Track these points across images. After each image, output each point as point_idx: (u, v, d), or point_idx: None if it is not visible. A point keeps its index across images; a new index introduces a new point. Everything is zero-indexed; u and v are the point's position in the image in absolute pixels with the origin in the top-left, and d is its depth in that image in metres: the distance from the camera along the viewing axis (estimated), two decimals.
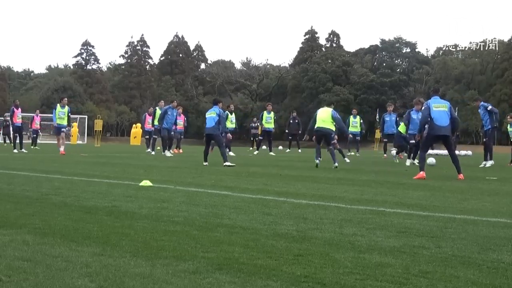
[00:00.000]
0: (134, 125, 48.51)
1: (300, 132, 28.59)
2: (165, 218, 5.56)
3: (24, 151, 22.58)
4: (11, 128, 25.04)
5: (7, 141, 26.52)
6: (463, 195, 8.20)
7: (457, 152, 27.48)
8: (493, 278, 3.46)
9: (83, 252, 3.94)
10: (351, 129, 25.72)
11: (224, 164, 14.54)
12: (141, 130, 47.74)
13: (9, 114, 25.51)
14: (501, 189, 9.48)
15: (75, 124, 54.51)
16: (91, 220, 5.33)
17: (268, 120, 24.48)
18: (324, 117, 14.73)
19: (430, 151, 30.03)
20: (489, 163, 16.75)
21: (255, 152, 24.43)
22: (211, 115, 15.42)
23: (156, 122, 23.95)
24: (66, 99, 21.86)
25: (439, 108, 11.86)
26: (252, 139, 38.68)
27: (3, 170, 11.74)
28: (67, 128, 21.97)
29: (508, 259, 3.96)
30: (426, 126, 12.14)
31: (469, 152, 29.66)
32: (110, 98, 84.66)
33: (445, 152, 16.94)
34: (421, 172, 11.52)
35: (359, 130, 26.30)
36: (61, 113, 21.00)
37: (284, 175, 11.95)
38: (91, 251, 3.97)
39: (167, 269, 3.50)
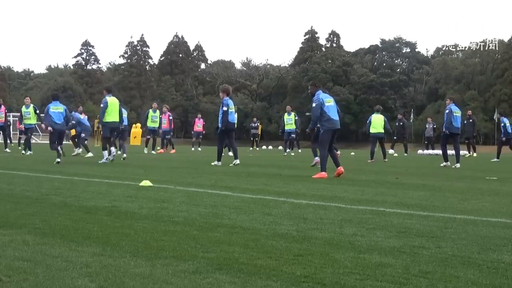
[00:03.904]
0: (134, 125, 48.47)
1: (299, 131, 28.59)
2: (165, 218, 5.56)
3: (8, 150, 21.71)
4: None
5: (8, 141, 26.23)
6: (463, 195, 8.20)
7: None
8: (493, 278, 3.46)
9: (83, 252, 3.93)
10: (286, 127, 25.74)
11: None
12: (141, 130, 47.79)
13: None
14: (501, 189, 9.48)
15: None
16: (91, 220, 5.33)
17: (154, 119, 24.51)
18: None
19: (430, 151, 30.11)
20: (458, 165, 16.01)
21: (152, 151, 24.02)
22: (59, 110, 15.54)
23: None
24: None
25: (330, 103, 11.87)
26: (252, 139, 38.73)
27: (3, 170, 11.74)
28: None
29: (508, 259, 3.96)
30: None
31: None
32: None
33: (453, 152, 16.73)
34: (323, 173, 11.31)
35: (294, 127, 26.08)
36: None
37: (284, 175, 11.95)
38: (91, 251, 3.97)
39: (167, 269, 3.50)
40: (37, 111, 21.39)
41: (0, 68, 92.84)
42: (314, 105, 11.77)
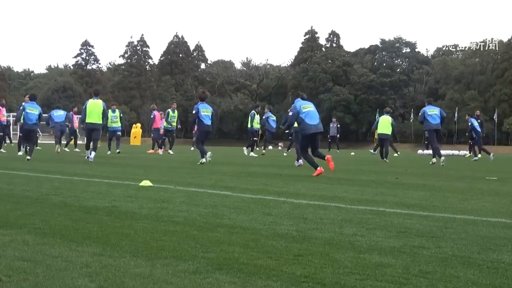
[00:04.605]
0: (134, 125, 48.49)
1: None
2: (165, 218, 5.56)
3: (3, 151, 21.50)
4: None
5: (7, 141, 26.14)
6: (463, 195, 8.20)
7: (456, 152, 27.43)
8: (493, 278, 3.46)
9: (83, 252, 3.93)
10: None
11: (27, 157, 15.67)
12: (141, 130, 47.76)
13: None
14: (501, 189, 9.48)
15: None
16: (91, 220, 5.32)
17: (173, 119, 24.39)
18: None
19: (430, 151, 30.08)
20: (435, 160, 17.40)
21: (164, 152, 23.95)
22: (35, 112, 16.71)
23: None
24: None
25: (308, 108, 12.25)
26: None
27: (3, 170, 11.74)
28: None
29: (508, 259, 3.96)
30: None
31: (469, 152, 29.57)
32: (110, 98, 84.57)
33: (453, 152, 17.23)
34: (318, 168, 11.77)
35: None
36: None
37: (284, 175, 11.95)
38: (91, 251, 3.96)
39: (167, 269, 3.50)
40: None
41: (0, 68, 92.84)
42: (290, 114, 12.42)
